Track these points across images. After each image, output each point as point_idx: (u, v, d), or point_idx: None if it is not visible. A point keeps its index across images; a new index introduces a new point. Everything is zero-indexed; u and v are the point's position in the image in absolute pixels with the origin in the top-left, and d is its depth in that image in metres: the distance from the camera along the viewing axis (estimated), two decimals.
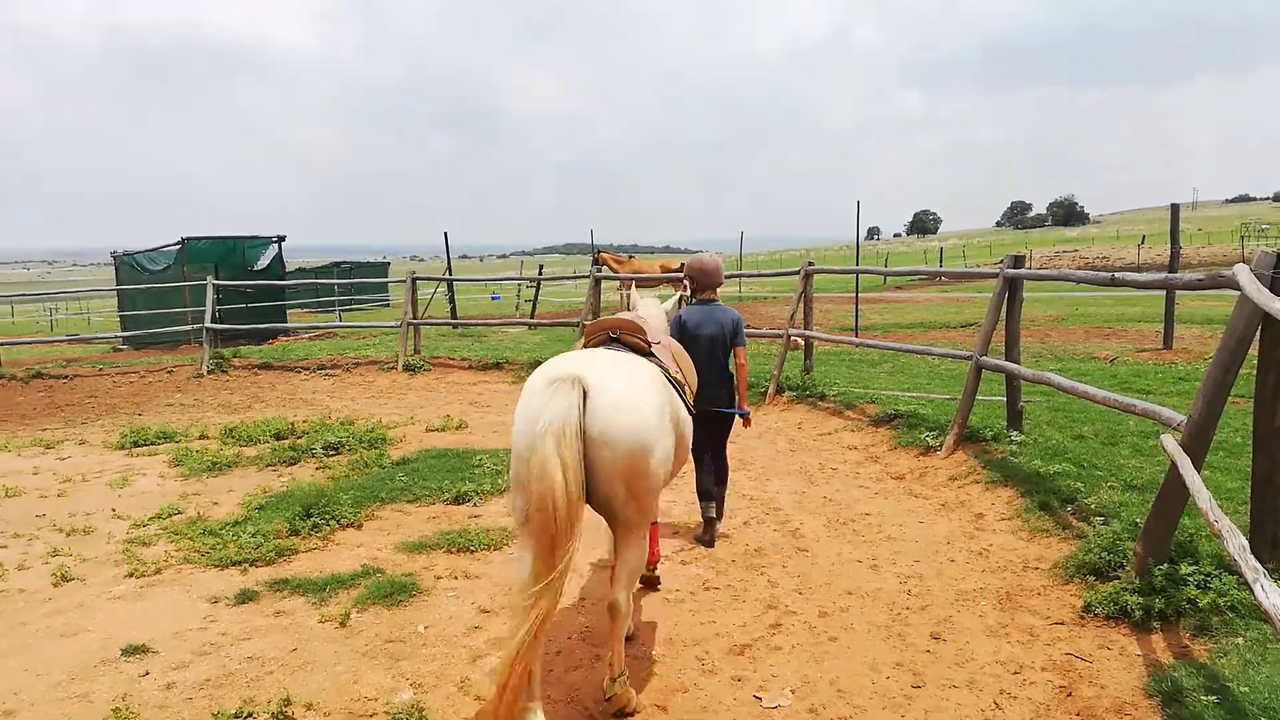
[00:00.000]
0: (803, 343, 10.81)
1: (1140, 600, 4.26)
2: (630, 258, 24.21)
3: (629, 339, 4.21)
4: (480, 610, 4.80)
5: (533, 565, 3.25)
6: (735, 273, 15.52)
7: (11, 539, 6.28)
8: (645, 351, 4.16)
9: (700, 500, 5.92)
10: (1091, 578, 4.73)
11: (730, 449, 8.23)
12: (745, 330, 5.71)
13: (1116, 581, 4.51)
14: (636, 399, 3.58)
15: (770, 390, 10.05)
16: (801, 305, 10.58)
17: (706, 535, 5.86)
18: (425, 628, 4.59)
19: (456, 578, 5.28)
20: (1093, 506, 5.57)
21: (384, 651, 4.33)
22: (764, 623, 4.59)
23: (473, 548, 5.73)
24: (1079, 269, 18.83)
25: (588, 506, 3.50)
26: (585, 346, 4.25)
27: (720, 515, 6.03)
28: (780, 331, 10.96)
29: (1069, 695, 3.75)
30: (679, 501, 6.74)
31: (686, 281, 6.26)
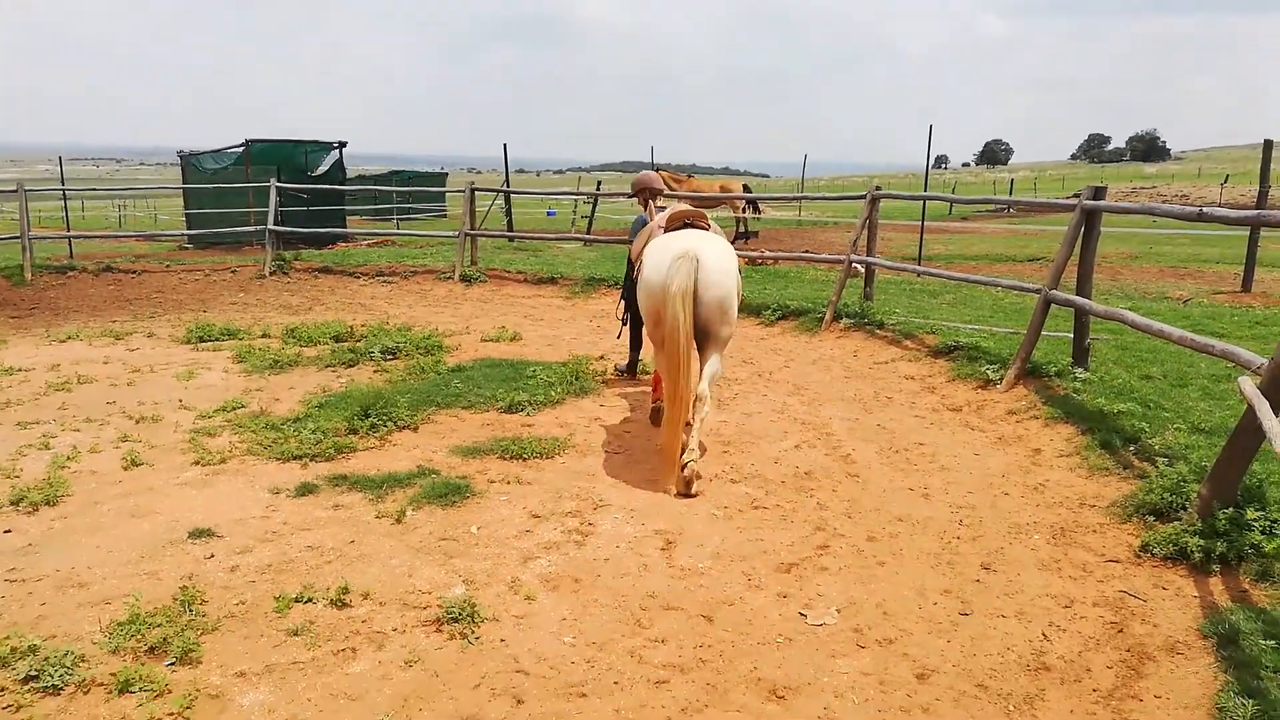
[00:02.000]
0: (863, 270, 10.58)
1: (1201, 542, 4.17)
2: (689, 177, 23.77)
3: (699, 224, 6.11)
4: (531, 515, 4.88)
5: (668, 368, 5.34)
6: (795, 195, 15.20)
7: (84, 423, 6.54)
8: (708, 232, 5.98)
9: (634, 349, 7.95)
10: (1151, 518, 4.63)
11: (784, 374, 8.21)
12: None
13: (1177, 523, 4.41)
14: (726, 264, 5.60)
15: (827, 317, 9.90)
16: (865, 231, 10.32)
17: (631, 373, 7.99)
18: (478, 528, 4.69)
19: (509, 483, 5.37)
20: (1157, 447, 5.42)
21: (438, 549, 4.44)
22: (811, 544, 4.60)
23: (525, 455, 5.81)
24: None
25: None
26: (668, 229, 6.06)
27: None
28: (840, 257, 10.73)
29: (1120, 631, 3.70)
30: (729, 420, 6.73)
31: (643, 197, 7.51)
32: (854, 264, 10.36)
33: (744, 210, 21.17)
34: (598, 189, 27.52)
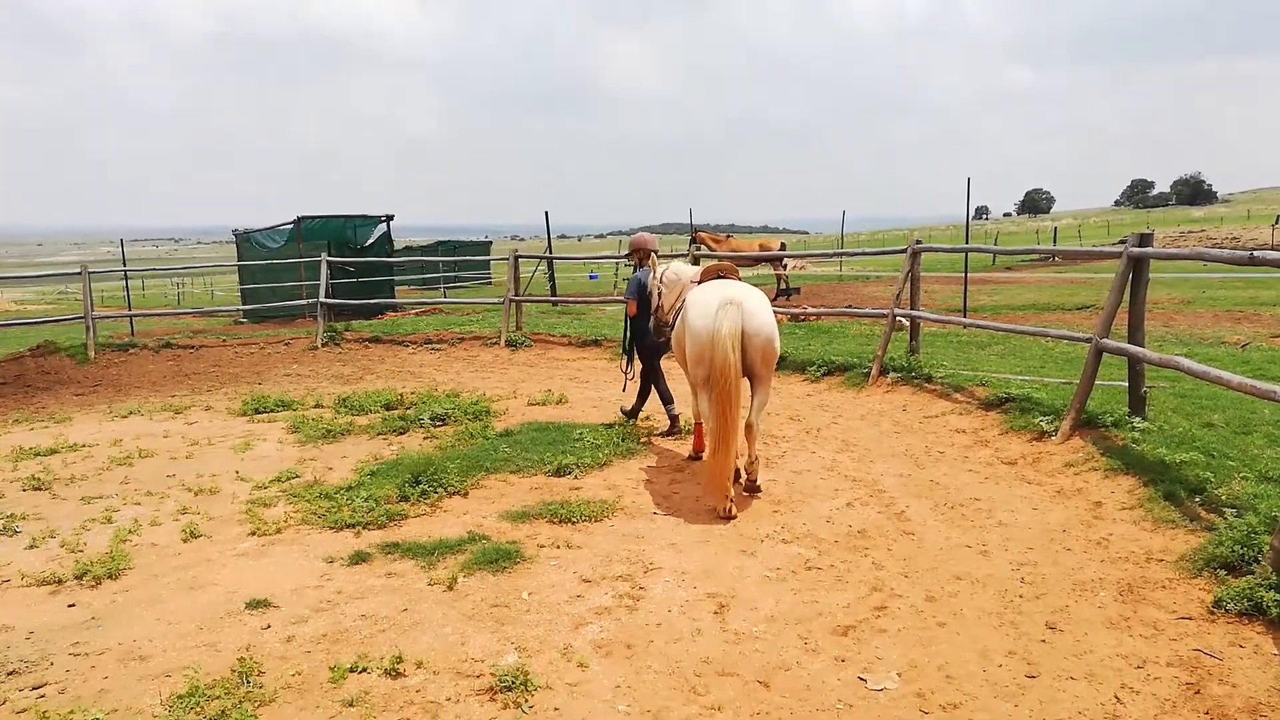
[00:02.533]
0: (908, 323, 10.52)
1: (1277, 597, 4.00)
2: (728, 236, 23.99)
3: (731, 275, 6.87)
4: (582, 579, 4.86)
5: (713, 409, 5.91)
6: (836, 251, 15.23)
7: (145, 497, 6.69)
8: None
9: (666, 404, 8.21)
10: (1222, 572, 4.46)
11: (832, 430, 8.13)
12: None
13: (1250, 577, 4.24)
14: (766, 311, 6.24)
15: (874, 371, 9.82)
16: (908, 284, 10.28)
17: (675, 428, 8.09)
18: (529, 594, 4.68)
19: (558, 547, 5.36)
20: (1224, 498, 5.25)
21: (490, 615, 4.43)
22: (868, 604, 4.50)
23: (574, 519, 5.80)
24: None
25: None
26: (702, 281, 6.83)
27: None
28: (884, 311, 10.69)
29: (1197, 693, 3.55)
30: (778, 479, 6.66)
31: (638, 256, 8.13)
32: (898, 317, 10.30)
33: (784, 268, 21.27)
34: None
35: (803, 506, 6.05)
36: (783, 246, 21.36)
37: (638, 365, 8.30)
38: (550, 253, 20.40)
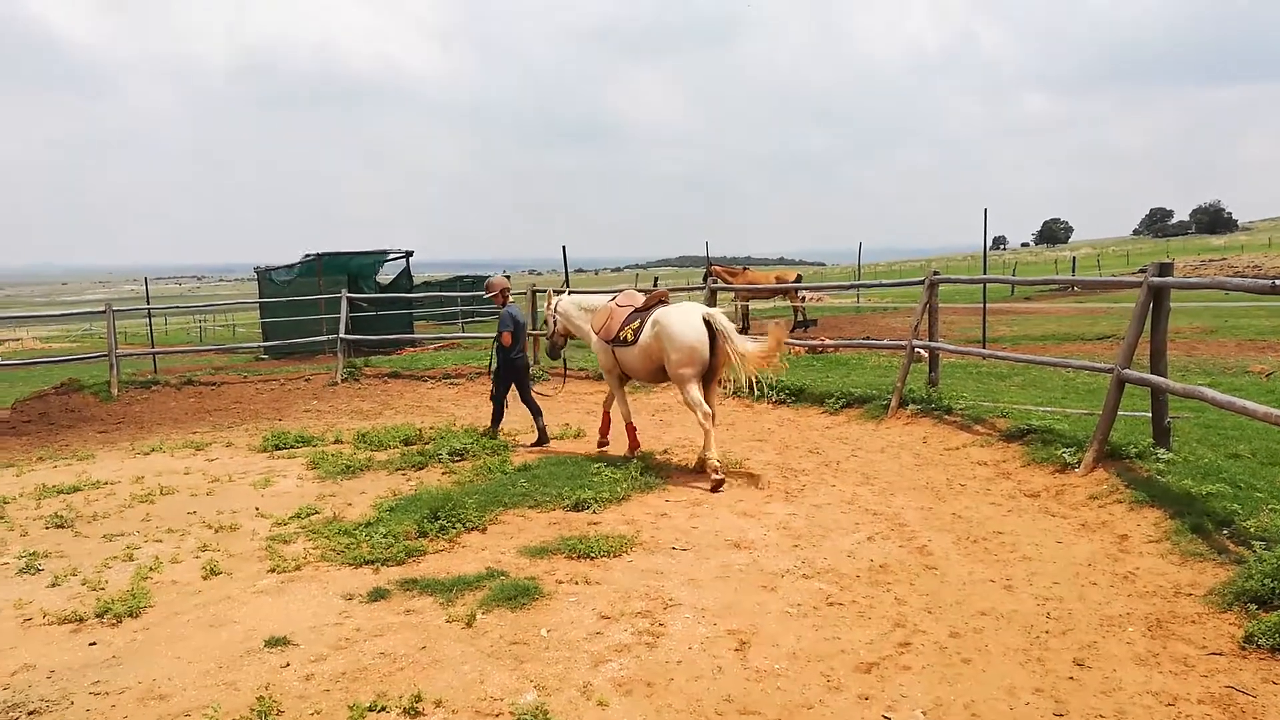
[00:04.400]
0: (926, 354, 10.47)
1: None
2: (744, 269, 24.05)
3: (668, 300, 8.43)
4: (601, 616, 4.83)
5: (706, 398, 7.79)
6: (853, 283, 15.20)
7: (166, 534, 6.72)
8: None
9: (537, 415, 9.53)
10: (1253, 606, 4.38)
11: (852, 463, 8.08)
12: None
13: None
14: (726, 322, 7.79)
15: (893, 403, 9.77)
16: (926, 315, 10.25)
17: (542, 438, 9.47)
18: (548, 631, 4.65)
19: (577, 583, 5.33)
20: (1253, 530, 5.16)
21: (508, 653, 4.40)
22: (891, 641, 4.45)
23: (593, 554, 5.78)
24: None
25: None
26: (647, 306, 8.39)
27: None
28: (902, 343, 10.65)
29: None
30: (798, 513, 6.61)
31: (498, 296, 9.62)
32: (917, 349, 10.27)
33: (801, 299, 21.28)
34: (655, 285, 27.96)
35: (823, 541, 6.00)
36: (799, 279, 21.38)
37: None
38: (567, 287, 20.53)
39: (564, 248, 22.16)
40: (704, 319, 7.77)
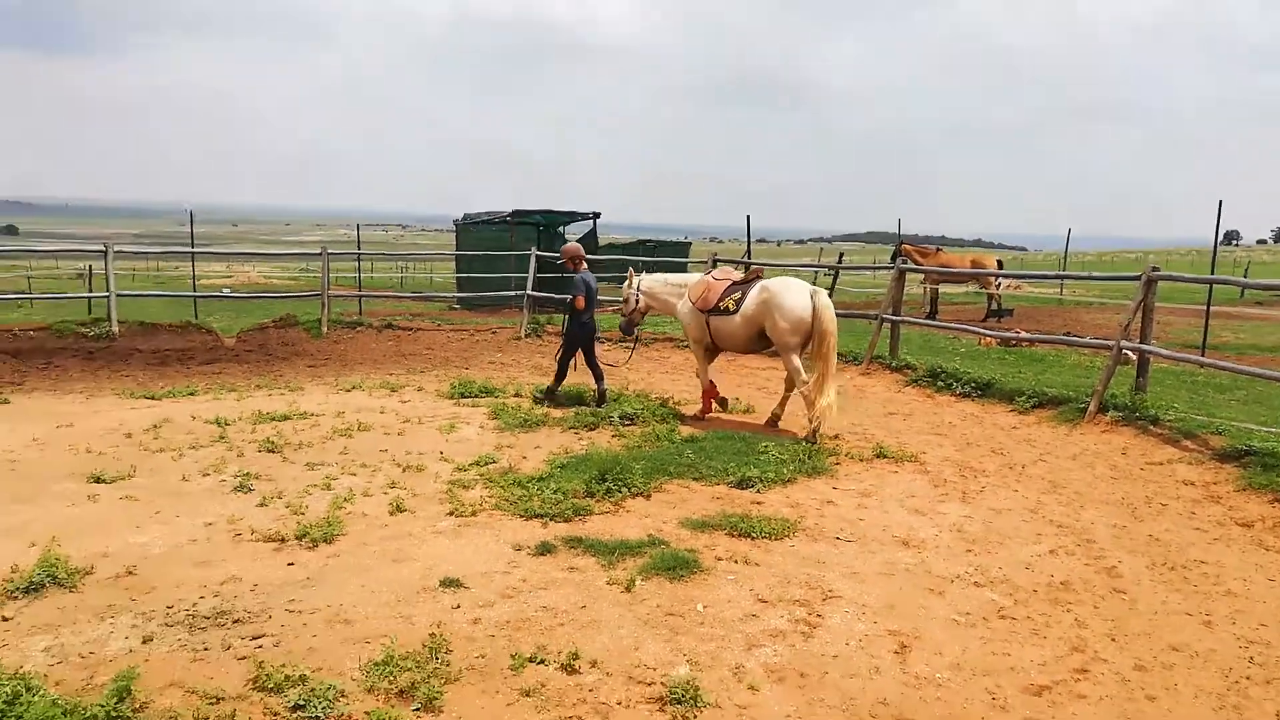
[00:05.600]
0: (1135, 357, 9.64)
1: None
2: (937, 250, 22.96)
3: (764, 275, 9.27)
4: (758, 599, 4.80)
5: (817, 367, 8.34)
6: (1059, 273, 14.16)
7: (360, 468, 7.25)
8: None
9: (599, 379, 9.79)
10: None
11: (1038, 469, 7.60)
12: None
13: None
14: (826, 299, 8.61)
15: (1091, 407, 9.06)
16: (1139, 315, 9.41)
17: (602, 399, 9.65)
18: (704, 607, 4.67)
19: (736, 561, 5.32)
20: None
21: (664, 623, 4.46)
22: (1068, 665, 4.17)
23: (754, 534, 5.74)
24: None
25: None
26: (746, 280, 9.12)
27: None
28: (1108, 342, 9.85)
29: None
30: (974, 515, 6.29)
31: (570, 261, 10.06)
32: (1125, 350, 9.46)
33: (997, 286, 20.13)
34: (839, 261, 27.23)
35: (999, 549, 5.68)
36: (1000, 264, 20.20)
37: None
38: (749, 257, 20.32)
39: (748, 217, 21.97)
40: (810, 294, 8.56)
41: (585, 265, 10.08)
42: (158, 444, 7.88)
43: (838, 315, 17.28)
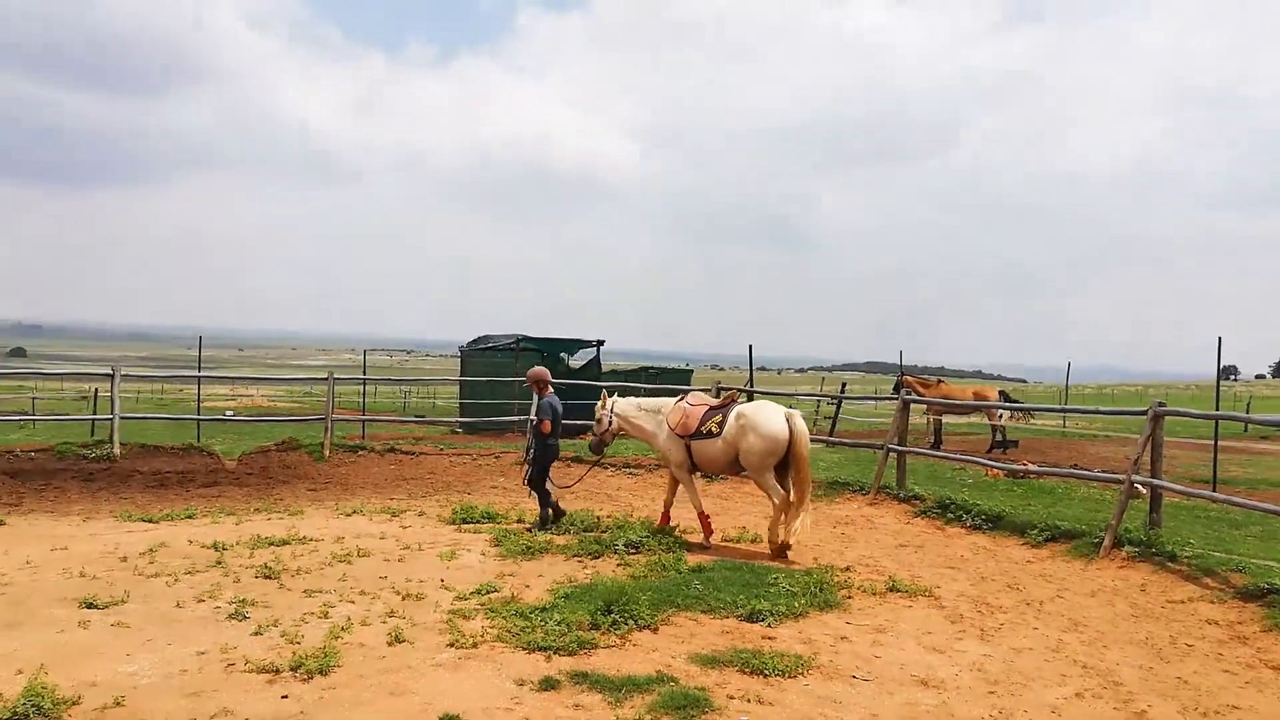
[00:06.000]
0: (1146, 492, 9.53)
1: None
2: (939, 381, 23.10)
3: (739, 400, 9.68)
4: None
5: (792, 486, 8.76)
6: (1060, 407, 14.18)
7: (358, 595, 7.06)
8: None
9: (548, 501, 10.00)
10: None
11: (1056, 605, 7.39)
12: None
13: None
14: (801, 422, 8.92)
15: (1106, 542, 8.88)
16: (1148, 450, 9.36)
17: (544, 522, 9.89)
18: None
19: (749, 700, 5.10)
20: None
21: None
22: None
23: (766, 671, 5.53)
24: None
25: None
26: (723, 405, 9.48)
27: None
28: (1120, 476, 9.75)
29: None
30: (994, 654, 6.07)
31: (536, 385, 10.59)
32: (1136, 485, 9.36)
33: (1000, 418, 20.14)
34: (842, 390, 27.35)
35: (1023, 691, 5.45)
36: (1003, 396, 20.26)
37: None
38: (751, 385, 20.41)
39: (750, 346, 22.19)
40: (785, 416, 8.90)
41: (550, 390, 10.38)
42: (153, 569, 7.70)
43: (843, 445, 17.24)
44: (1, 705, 4.55)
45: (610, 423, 10.15)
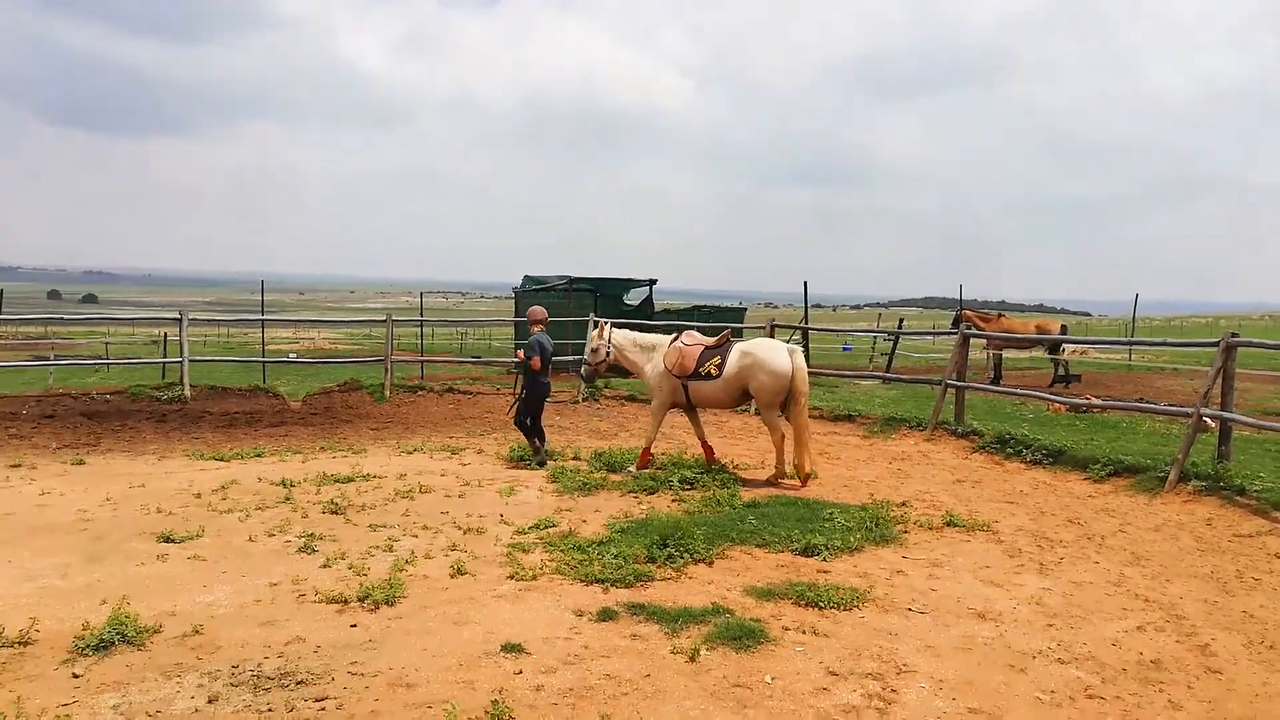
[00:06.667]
0: (1215, 426, 9.26)
1: None
2: (999, 315, 22.58)
3: (733, 341, 9.67)
4: (828, 671, 4.62)
5: (799, 416, 9.13)
6: (1126, 339, 13.79)
7: (421, 530, 7.26)
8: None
9: (541, 441, 10.26)
10: None
11: (1119, 540, 7.28)
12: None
13: None
14: (801, 359, 9.39)
15: (1171, 477, 8.68)
16: (1219, 382, 9.07)
17: (540, 458, 10.07)
18: (772, 679, 4.51)
19: (804, 632, 5.15)
20: None
21: (731, 695, 4.32)
22: None
23: (821, 604, 5.57)
24: None
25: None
26: (718, 345, 9.61)
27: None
28: (1187, 409, 9.49)
29: None
30: (1053, 588, 6.02)
31: (536, 324, 10.49)
32: (1205, 418, 9.09)
33: (1063, 352, 19.68)
34: (899, 326, 26.94)
35: (1083, 624, 5.41)
36: (1064, 329, 19.75)
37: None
38: (806, 322, 20.22)
39: (805, 283, 21.93)
40: (789, 353, 9.30)
41: (542, 328, 10.47)
42: (225, 505, 8.01)
43: (900, 381, 17.15)
44: (89, 633, 4.81)
45: (607, 353, 10.23)
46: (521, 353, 10.34)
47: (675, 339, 9.98)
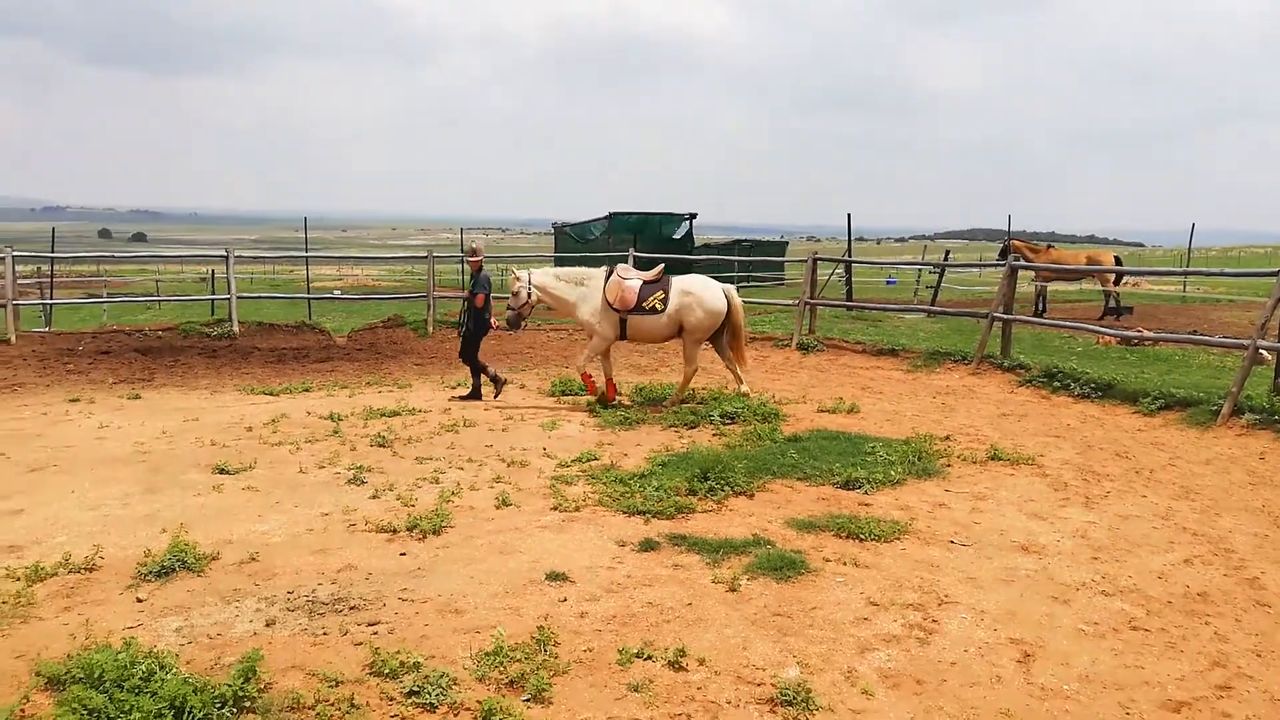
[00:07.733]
0: (1273, 358, 9.02)
1: None
2: (1049, 247, 22.02)
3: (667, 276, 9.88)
4: (869, 602, 4.66)
5: (737, 345, 9.98)
6: (1184, 269, 13.36)
7: (466, 463, 7.39)
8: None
9: (498, 378, 10.27)
10: None
11: (1168, 474, 7.18)
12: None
13: None
14: (736, 296, 9.91)
15: (1225, 410, 8.50)
16: (1277, 313, 8.79)
17: (499, 391, 10.27)
18: (813, 608, 4.56)
19: (845, 563, 5.18)
20: None
21: (772, 623, 4.38)
22: (1209, 681, 3.89)
23: (862, 536, 5.59)
24: None
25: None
26: (657, 280, 9.76)
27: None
28: (1243, 341, 9.25)
29: None
30: (1098, 522, 5.97)
31: (476, 263, 10.74)
32: (1261, 350, 8.85)
33: (1116, 283, 19.20)
34: (945, 258, 26.44)
35: (1128, 557, 5.37)
36: (1117, 261, 19.24)
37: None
38: (850, 256, 19.93)
39: (849, 215, 21.58)
40: (723, 289, 9.77)
41: (482, 267, 10.67)
42: (276, 438, 8.20)
43: (945, 314, 16.97)
44: (151, 559, 5.00)
45: (530, 294, 9.96)
46: (481, 297, 10.30)
47: (609, 271, 9.91)
